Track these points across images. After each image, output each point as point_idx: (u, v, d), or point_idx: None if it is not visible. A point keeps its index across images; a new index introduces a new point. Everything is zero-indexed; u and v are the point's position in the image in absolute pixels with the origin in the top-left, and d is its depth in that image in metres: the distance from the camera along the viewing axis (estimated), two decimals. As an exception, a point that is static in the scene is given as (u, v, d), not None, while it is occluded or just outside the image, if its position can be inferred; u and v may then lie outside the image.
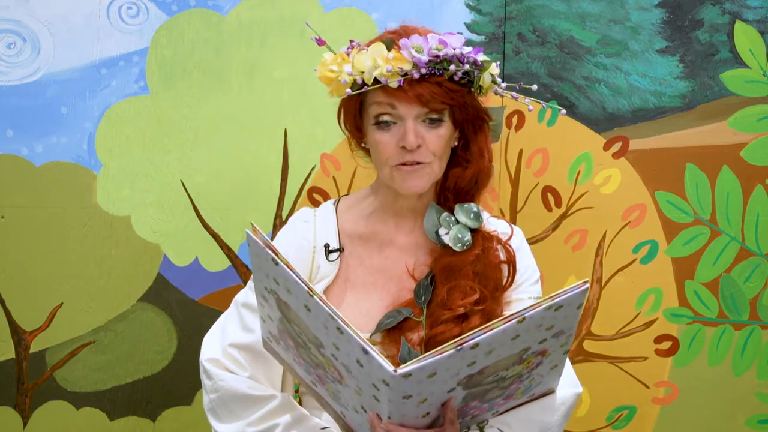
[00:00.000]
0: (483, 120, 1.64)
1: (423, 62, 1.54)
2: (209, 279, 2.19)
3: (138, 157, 2.19)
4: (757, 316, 2.19)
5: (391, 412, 1.36)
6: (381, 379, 1.31)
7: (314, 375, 1.49)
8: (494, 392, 1.45)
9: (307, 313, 1.36)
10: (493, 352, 1.33)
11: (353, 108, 1.65)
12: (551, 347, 1.41)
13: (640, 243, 2.19)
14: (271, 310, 1.46)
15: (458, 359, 1.31)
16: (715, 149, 2.18)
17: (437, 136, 1.59)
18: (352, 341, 1.31)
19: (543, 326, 1.35)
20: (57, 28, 2.17)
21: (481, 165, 1.64)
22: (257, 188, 2.19)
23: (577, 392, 1.66)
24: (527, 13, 2.18)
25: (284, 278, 1.36)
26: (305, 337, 1.41)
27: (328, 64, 1.63)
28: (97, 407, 2.20)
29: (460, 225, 1.63)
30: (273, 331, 1.50)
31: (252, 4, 2.19)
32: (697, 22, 2.17)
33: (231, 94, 2.18)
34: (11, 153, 2.18)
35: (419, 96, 1.55)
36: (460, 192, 1.65)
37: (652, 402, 2.20)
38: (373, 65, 1.55)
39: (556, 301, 1.32)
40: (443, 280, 1.60)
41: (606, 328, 2.19)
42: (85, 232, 2.19)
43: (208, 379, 1.67)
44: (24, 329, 2.19)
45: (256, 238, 1.37)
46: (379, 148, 1.60)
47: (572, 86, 2.18)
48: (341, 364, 1.37)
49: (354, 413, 1.46)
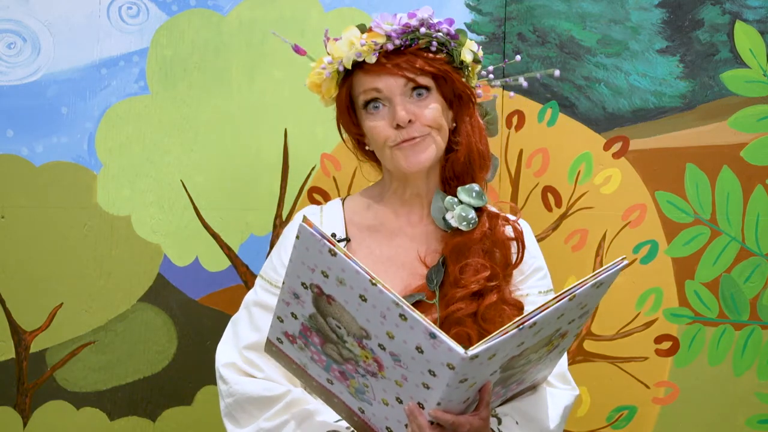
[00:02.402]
0: (468, 95, 1.67)
1: (395, 33, 1.60)
2: (209, 279, 2.19)
3: (138, 157, 2.19)
4: (758, 316, 2.19)
5: (442, 399, 1.38)
6: (446, 363, 1.33)
7: (336, 372, 1.49)
8: (516, 377, 1.48)
9: (359, 304, 1.37)
10: (540, 331, 1.37)
11: (344, 105, 1.68)
12: (571, 329, 1.45)
13: (640, 243, 2.19)
14: (299, 308, 1.46)
15: (516, 339, 1.34)
16: (715, 149, 2.18)
17: (427, 108, 1.62)
18: (416, 327, 1.32)
19: (581, 304, 1.39)
20: (57, 28, 2.17)
21: (471, 145, 1.66)
22: (257, 188, 2.19)
23: (575, 394, 1.69)
24: (527, 13, 2.18)
25: (340, 269, 1.36)
26: (344, 330, 1.42)
27: (315, 69, 1.69)
28: (97, 407, 2.20)
29: (464, 204, 1.65)
30: (290, 330, 1.50)
31: (252, 4, 2.19)
32: (698, 22, 2.17)
33: (231, 94, 2.18)
34: (11, 153, 2.18)
35: (397, 66, 1.60)
36: (460, 176, 1.67)
37: (653, 402, 2.20)
38: (349, 46, 1.61)
39: (600, 279, 1.36)
40: (454, 261, 1.63)
41: (606, 328, 2.19)
42: (85, 232, 2.19)
43: (223, 383, 1.68)
44: (24, 329, 2.19)
45: (311, 229, 1.36)
46: (374, 132, 1.64)
47: (572, 86, 2.18)
48: (389, 354, 1.38)
49: (382, 407, 1.47)
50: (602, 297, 1.44)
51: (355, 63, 1.63)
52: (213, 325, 2.18)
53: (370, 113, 1.64)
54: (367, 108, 1.64)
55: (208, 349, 2.18)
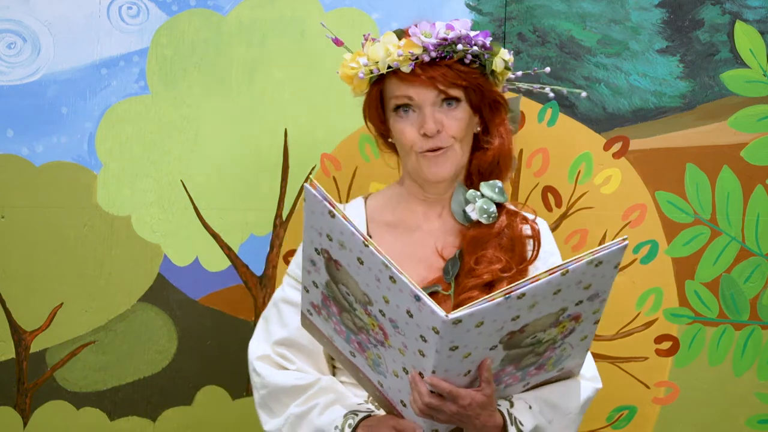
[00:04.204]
0: (499, 103, 1.73)
1: (432, 45, 1.64)
2: (209, 279, 2.19)
3: (138, 157, 2.19)
4: (758, 316, 2.19)
5: (436, 366, 1.39)
6: (431, 327, 1.34)
7: (354, 343, 1.52)
8: (529, 358, 1.48)
9: (358, 268, 1.39)
10: (535, 306, 1.37)
11: (374, 102, 1.73)
12: (585, 312, 1.45)
13: (640, 243, 2.19)
14: (317, 275, 1.49)
15: (505, 309, 1.35)
16: (716, 149, 2.18)
17: (455, 119, 1.68)
18: (404, 289, 1.34)
19: (582, 283, 1.39)
20: (57, 28, 2.17)
21: (501, 147, 1.73)
22: (257, 188, 2.19)
23: (597, 387, 1.72)
24: (527, 13, 2.18)
25: (339, 231, 1.39)
26: (353, 297, 1.45)
27: (348, 62, 1.73)
28: (97, 407, 2.20)
29: (486, 198, 1.70)
30: (315, 300, 1.53)
31: (252, 4, 2.18)
32: (698, 22, 2.17)
33: (231, 94, 2.18)
34: (11, 153, 2.18)
35: (431, 78, 1.65)
36: (484, 174, 1.73)
37: (653, 402, 2.20)
38: (386, 53, 1.65)
39: (597, 256, 1.37)
40: (470, 253, 1.67)
41: (606, 328, 2.19)
42: (85, 232, 2.19)
43: (257, 376, 1.73)
44: (24, 329, 2.19)
45: (314, 191, 1.39)
46: (402, 136, 1.69)
47: (572, 86, 2.18)
48: (388, 320, 1.41)
49: (394, 379, 1.49)
50: (613, 280, 1.43)
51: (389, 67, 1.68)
52: (213, 325, 2.18)
53: (399, 116, 1.69)
54: (398, 111, 1.69)
55: (208, 349, 2.18)
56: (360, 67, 1.69)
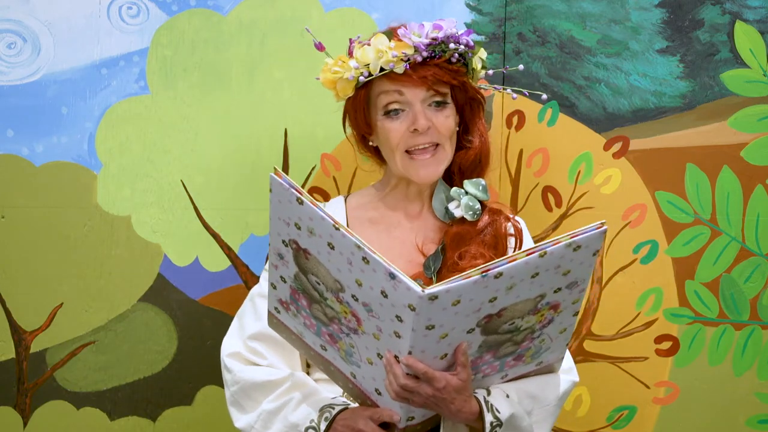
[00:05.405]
0: (480, 102, 1.77)
1: (423, 45, 1.67)
2: (209, 279, 2.19)
3: (138, 157, 2.19)
4: (758, 316, 2.19)
5: (412, 346, 1.39)
6: (407, 305, 1.34)
7: (326, 335, 1.51)
8: (508, 347, 1.48)
9: (329, 254, 1.39)
10: (513, 288, 1.37)
11: (361, 104, 1.74)
12: (564, 302, 1.45)
13: (640, 243, 2.19)
14: (285, 269, 1.49)
15: (482, 288, 1.35)
16: (716, 149, 2.18)
17: (444, 117, 1.71)
18: (378, 269, 1.34)
19: (561, 268, 1.39)
20: (57, 28, 2.17)
21: (482, 146, 1.77)
22: (257, 188, 2.19)
23: (574, 380, 1.73)
24: (527, 13, 2.18)
25: (309, 217, 1.38)
26: (323, 286, 1.44)
27: (331, 67, 1.73)
28: (97, 407, 2.20)
29: (470, 195, 1.73)
30: (283, 296, 1.53)
31: (252, 4, 2.18)
32: (698, 22, 2.17)
33: (231, 94, 2.18)
34: (11, 153, 2.18)
35: (424, 78, 1.67)
36: (465, 172, 1.76)
37: (653, 402, 2.20)
38: (378, 55, 1.67)
39: (575, 239, 1.37)
40: (453, 248, 1.70)
41: (606, 328, 2.19)
42: (85, 232, 2.19)
43: (228, 372, 1.73)
44: (24, 329, 2.19)
45: (281, 180, 1.40)
46: (390, 134, 1.71)
47: (572, 86, 2.18)
48: (361, 304, 1.40)
49: (368, 367, 1.49)
50: (592, 268, 1.44)
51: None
52: (213, 325, 2.18)
53: (389, 118, 1.72)
54: (388, 114, 1.71)
55: (208, 349, 2.18)
56: (349, 69, 1.70)
